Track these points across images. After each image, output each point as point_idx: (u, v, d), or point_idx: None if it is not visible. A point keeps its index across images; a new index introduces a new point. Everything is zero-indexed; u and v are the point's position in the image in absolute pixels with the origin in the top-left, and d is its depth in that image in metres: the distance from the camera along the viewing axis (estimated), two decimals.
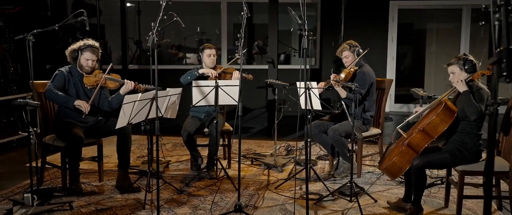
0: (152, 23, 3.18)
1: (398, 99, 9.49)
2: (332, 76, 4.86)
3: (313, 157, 5.64)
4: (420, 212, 3.75)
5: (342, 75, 4.78)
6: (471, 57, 3.65)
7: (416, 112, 3.97)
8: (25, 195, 3.89)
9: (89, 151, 5.29)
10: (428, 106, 3.82)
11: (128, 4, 9.86)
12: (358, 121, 4.84)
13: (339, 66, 8.96)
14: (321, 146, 5.72)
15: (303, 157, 5.56)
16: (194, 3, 9.80)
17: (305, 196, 4.28)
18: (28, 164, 4.52)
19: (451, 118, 3.59)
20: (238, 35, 3.62)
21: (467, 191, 4.41)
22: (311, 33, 5.58)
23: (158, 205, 3.45)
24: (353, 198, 4.08)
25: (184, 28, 4.55)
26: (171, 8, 3.82)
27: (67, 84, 4.39)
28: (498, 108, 1.72)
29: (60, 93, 4.30)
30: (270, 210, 3.98)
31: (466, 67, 3.61)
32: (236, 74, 4.89)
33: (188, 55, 10.62)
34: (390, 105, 9.16)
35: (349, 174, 4.86)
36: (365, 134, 4.84)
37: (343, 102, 4.33)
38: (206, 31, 10.39)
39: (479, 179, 4.64)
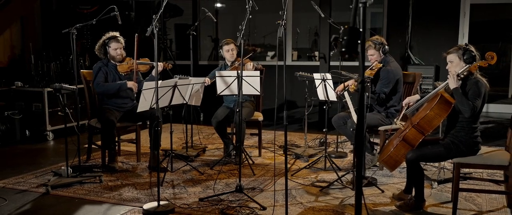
0: (153, 16, 3.52)
1: None
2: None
3: (347, 151, 5.70)
4: (421, 204, 3.74)
5: None
6: (472, 48, 3.55)
7: (406, 104, 3.94)
8: (62, 168, 4.51)
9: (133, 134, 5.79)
10: (427, 97, 3.78)
11: (218, 5, 10.48)
12: (381, 114, 4.87)
13: (405, 63, 8.81)
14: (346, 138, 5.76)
15: (339, 149, 5.66)
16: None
17: (315, 183, 4.46)
18: (86, 145, 5.24)
19: (447, 111, 3.54)
20: (239, 26, 3.87)
21: (486, 187, 4.29)
22: (342, 27, 5.69)
23: (158, 182, 3.82)
24: (354, 187, 4.16)
25: (260, 28, 4.84)
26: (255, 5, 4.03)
27: (107, 76, 4.95)
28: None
29: (110, 84, 4.89)
30: (274, 193, 4.19)
31: (464, 57, 3.53)
32: (249, 65, 5.13)
33: (269, 53, 10.96)
34: None
35: (371, 166, 4.95)
36: (388, 127, 4.85)
37: (346, 94, 4.36)
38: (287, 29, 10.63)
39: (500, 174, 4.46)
